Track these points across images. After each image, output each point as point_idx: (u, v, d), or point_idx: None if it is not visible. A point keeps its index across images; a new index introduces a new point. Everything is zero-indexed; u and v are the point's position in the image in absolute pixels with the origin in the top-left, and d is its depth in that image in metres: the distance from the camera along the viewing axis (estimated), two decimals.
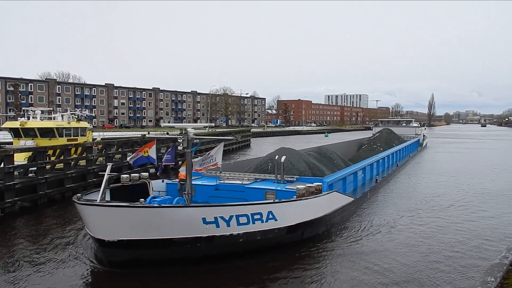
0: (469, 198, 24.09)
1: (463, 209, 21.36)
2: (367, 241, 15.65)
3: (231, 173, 18.79)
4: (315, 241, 15.04)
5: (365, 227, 17.60)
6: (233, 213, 12.57)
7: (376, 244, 15.19)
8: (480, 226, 17.91)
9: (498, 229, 17.43)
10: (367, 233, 16.65)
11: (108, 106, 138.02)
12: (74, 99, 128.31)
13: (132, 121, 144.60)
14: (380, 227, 17.58)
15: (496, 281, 7.92)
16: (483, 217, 19.56)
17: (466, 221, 18.73)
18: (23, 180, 21.54)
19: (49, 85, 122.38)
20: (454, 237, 16.24)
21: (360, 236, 16.31)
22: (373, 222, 18.27)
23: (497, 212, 20.69)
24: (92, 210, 11.56)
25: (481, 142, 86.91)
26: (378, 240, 15.78)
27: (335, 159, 26.53)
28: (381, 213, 20.18)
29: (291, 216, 13.99)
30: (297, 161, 20.14)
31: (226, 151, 57.12)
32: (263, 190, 16.24)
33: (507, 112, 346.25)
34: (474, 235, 16.48)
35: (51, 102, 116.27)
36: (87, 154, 26.77)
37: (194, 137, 13.88)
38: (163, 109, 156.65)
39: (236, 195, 16.14)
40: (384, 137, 47.06)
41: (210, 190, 16.94)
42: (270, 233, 13.35)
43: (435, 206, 21.75)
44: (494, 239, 15.96)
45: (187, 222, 12.03)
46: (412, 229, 17.32)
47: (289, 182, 17.36)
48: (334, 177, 19.00)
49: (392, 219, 18.99)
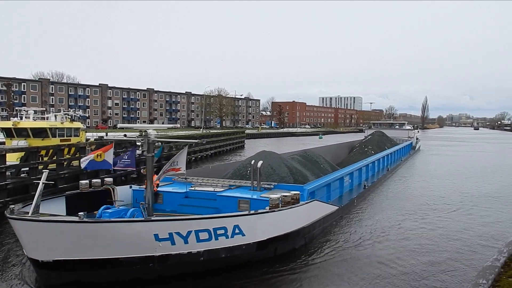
0: (464, 205, 22.99)
1: (458, 215, 20.40)
2: (350, 255, 14.28)
3: (204, 179, 17.33)
4: (291, 257, 13.52)
5: (349, 238, 16.16)
6: (191, 228, 11.17)
7: (359, 258, 13.89)
8: (476, 233, 17.50)
9: (490, 233, 17.27)
10: (351, 245, 15.23)
11: (102, 107, 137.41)
12: (67, 99, 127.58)
13: (126, 122, 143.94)
14: (365, 238, 16.18)
15: (488, 283, 7.98)
16: (477, 224, 18.88)
17: (461, 231, 17.41)
18: (15, 180, 21.42)
19: (42, 85, 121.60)
20: (448, 254, 14.57)
21: (343, 248, 14.87)
22: (358, 233, 16.89)
23: (489, 215, 20.76)
24: (23, 226, 10.14)
25: (474, 145, 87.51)
26: (362, 254, 14.38)
27: (321, 163, 24.97)
28: (367, 222, 18.81)
29: (262, 230, 12.61)
30: (278, 165, 18.92)
31: (220, 152, 57.12)
32: (236, 198, 14.76)
33: (499, 116, 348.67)
34: (469, 249, 15.21)
35: (44, 102, 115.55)
36: (80, 154, 26.65)
37: (156, 140, 12.57)
38: (157, 110, 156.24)
39: (207, 204, 14.91)
40: (376, 140, 46.24)
41: (179, 198, 15.48)
42: (236, 250, 12.02)
43: (427, 214, 20.51)
44: (486, 244, 15.70)
45: (136, 239, 10.62)
46: (401, 241, 15.93)
47: (266, 190, 15.94)
48: (317, 184, 17.71)
49: (379, 228, 17.63)
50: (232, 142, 66.10)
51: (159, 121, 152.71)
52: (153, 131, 12.35)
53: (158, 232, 10.79)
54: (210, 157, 52.81)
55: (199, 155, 49.43)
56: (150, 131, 12.30)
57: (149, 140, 12.18)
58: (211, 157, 52.89)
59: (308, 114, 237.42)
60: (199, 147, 49.42)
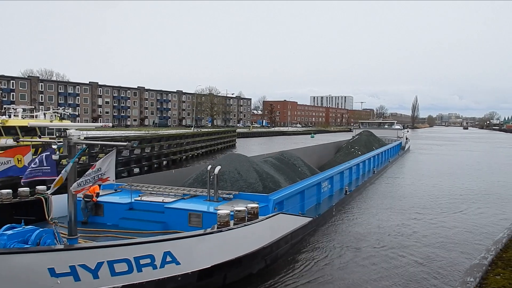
0: (456, 211, 21.53)
1: (448, 222, 19.09)
2: (321, 277, 12.24)
3: (157, 186, 15.14)
4: (245, 285, 11.32)
5: (322, 255, 14.04)
6: (103, 258, 8.73)
7: (332, 281, 12.06)
8: (464, 232, 17.62)
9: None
10: (324, 264, 13.22)
11: (92, 105, 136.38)
12: (57, 97, 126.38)
13: (117, 120, 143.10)
14: (342, 254, 14.19)
15: (475, 281, 8.04)
16: (465, 223, 18.92)
17: (455, 246, 15.37)
18: (3, 179, 21.15)
19: (31, 82, 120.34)
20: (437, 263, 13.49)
21: (312, 270, 12.77)
22: (334, 248, 14.84)
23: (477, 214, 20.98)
24: None
25: (463, 144, 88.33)
26: (335, 276, 12.42)
27: (299, 166, 22.80)
28: (345, 235, 16.56)
29: (205, 255, 10.14)
30: (246, 170, 16.76)
31: (211, 151, 57.01)
32: (186, 211, 12.58)
33: (488, 115, 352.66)
34: (457, 249, 14.88)
35: (34, 100, 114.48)
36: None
37: (79, 141, 10.13)
38: (148, 109, 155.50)
39: (154, 217, 12.87)
40: (363, 140, 44.67)
41: (122, 210, 13.30)
42: (169, 283, 9.58)
43: (414, 225, 18.46)
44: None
45: (24, 276, 8.18)
46: (382, 262, 13.60)
47: (225, 200, 13.80)
48: (286, 192, 15.27)
49: (359, 241, 15.71)
50: (223, 141, 66.08)
51: (150, 120, 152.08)
52: (76, 131, 10.17)
53: (55, 265, 8.28)
54: (201, 156, 52.75)
55: (190, 154, 49.36)
56: (71, 131, 10.01)
57: (70, 142, 9.82)
58: (202, 156, 52.82)
59: (299, 113, 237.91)
60: (190, 146, 49.37)
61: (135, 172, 34.42)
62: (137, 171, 35.31)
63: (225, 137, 68.57)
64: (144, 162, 37.70)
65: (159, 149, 41.02)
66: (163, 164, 41.19)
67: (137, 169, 35.69)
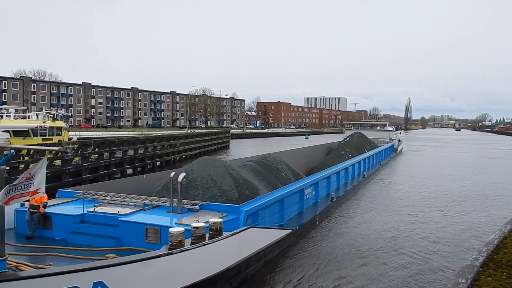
0: (448, 214, 20.86)
1: (439, 223, 18.60)
2: None
3: (116, 195, 13.50)
4: None
5: (300, 273, 12.34)
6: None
7: None
8: (455, 234, 17.52)
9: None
10: (301, 284, 11.72)
11: (85, 106, 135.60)
12: (50, 97, 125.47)
13: (110, 121, 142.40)
14: (323, 271, 12.61)
15: (467, 283, 8.12)
16: (456, 225, 18.90)
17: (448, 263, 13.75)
18: None
19: (24, 83, 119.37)
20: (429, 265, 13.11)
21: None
22: (313, 264, 13.23)
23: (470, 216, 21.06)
24: None
25: (456, 146, 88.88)
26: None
27: (283, 170, 21.30)
28: (328, 248, 14.94)
29: (149, 283, 8.38)
30: (220, 176, 15.07)
31: (204, 152, 56.92)
32: (142, 225, 10.90)
33: (480, 117, 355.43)
34: (448, 251, 14.77)
35: (26, 101, 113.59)
36: (62, 153, 26.32)
37: (5, 146, 8.84)
38: (142, 109, 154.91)
39: (107, 232, 11.25)
40: (355, 142, 43.33)
41: (72, 223, 11.67)
42: None
43: (403, 233, 17.19)
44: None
45: None
46: (370, 280, 12.17)
47: (190, 212, 12.14)
48: (261, 202, 13.54)
49: (344, 255, 14.23)
50: (216, 142, 66.03)
51: (143, 121, 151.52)
52: (2, 133, 8.91)
53: None
54: (195, 156, 52.59)
55: (184, 155, 49.28)
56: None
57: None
58: (195, 156, 52.66)
59: (293, 114, 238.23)
60: (183, 147, 49.30)
61: (129, 173, 34.32)
62: (131, 171, 35.21)
63: (219, 138, 68.52)
64: (138, 163, 37.62)
65: (152, 150, 40.93)
66: (156, 165, 41.11)
67: (131, 170, 35.60)
